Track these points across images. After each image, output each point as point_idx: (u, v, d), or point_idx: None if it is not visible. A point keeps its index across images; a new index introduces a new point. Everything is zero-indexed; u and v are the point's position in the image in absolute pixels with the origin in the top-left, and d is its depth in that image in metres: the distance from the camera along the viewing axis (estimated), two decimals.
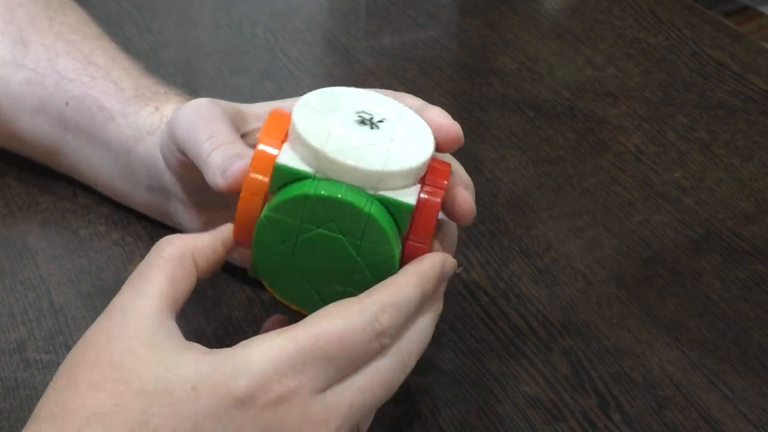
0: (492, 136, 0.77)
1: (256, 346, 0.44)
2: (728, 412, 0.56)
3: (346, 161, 0.47)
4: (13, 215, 0.67)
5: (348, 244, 0.48)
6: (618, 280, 0.64)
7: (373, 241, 0.48)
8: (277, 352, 0.44)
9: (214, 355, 0.44)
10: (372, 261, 0.48)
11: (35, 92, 0.66)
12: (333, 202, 0.47)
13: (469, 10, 0.94)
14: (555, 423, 0.55)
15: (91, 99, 0.64)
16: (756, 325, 0.61)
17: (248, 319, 0.61)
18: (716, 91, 0.82)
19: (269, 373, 0.44)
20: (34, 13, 0.68)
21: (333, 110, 0.50)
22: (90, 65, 0.66)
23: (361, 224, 0.47)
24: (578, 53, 0.87)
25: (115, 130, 0.64)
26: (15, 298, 0.62)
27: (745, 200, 0.71)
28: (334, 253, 0.48)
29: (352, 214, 0.47)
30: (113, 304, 0.46)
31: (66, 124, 0.65)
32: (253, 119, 0.57)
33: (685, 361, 0.59)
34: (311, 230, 0.48)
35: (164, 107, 0.63)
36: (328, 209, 0.47)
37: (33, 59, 0.66)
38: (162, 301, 0.46)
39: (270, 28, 0.89)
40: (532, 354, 0.59)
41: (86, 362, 0.44)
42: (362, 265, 0.48)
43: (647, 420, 0.55)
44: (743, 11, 1.88)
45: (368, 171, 0.47)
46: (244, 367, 0.44)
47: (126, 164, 0.64)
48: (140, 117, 0.63)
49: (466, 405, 0.56)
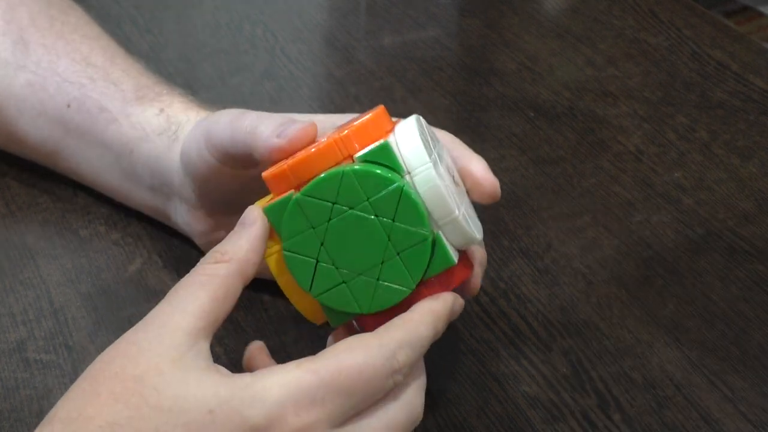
0: (492, 136, 0.77)
1: (276, 376, 0.44)
2: (728, 412, 0.56)
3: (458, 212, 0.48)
4: (13, 215, 0.67)
5: (380, 225, 0.47)
6: (618, 280, 0.64)
7: (407, 221, 0.47)
8: (297, 383, 0.44)
9: (235, 380, 0.44)
10: (403, 246, 0.47)
11: (36, 95, 0.66)
12: (370, 176, 0.47)
13: (469, 10, 0.94)
14: (555, 423, 0.55)
15: (92, 101, 0.64)
16: (756, 325, 0.61)
17: (248, 319, 0.61)
18: (716, 91, 0.82)
19: (287, 404, 0.43)
20: (35, 12, 0.68)
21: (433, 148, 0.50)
22: (89, 66, 0.66)
23: (395, 202, 0.47)
24: (578, 53, 0.87)
25: (117, 131, 0.63)
26: (15, 298, 0.62)
27: (745, 200, 0.71)
28: (365, 238, 0.47)
29: (387, 189, 0.47)
30: (151, 314, 0.46)
31: (67, 126, 0.65)
32: None
33: (685, 361, 0.59)
34: (344, 211, 0.47)
35: (169, 109, 0.63)
36: (364, 185, 0.47)
37: (34, 60, 0.66)
38: (200, 321, 0.45)
39: (270, 28, 0.89)
40: (532, 354, 0.59)
41: (111, 371, 0.44)
42: (393, 252, 0.48)
43: (647, 420, 0.55)
44: (743, 11, 1.88)
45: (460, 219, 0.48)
46: (263, 395, 0.43)
47: (128, 164, 0.64)
48: (144, 118, 0.63)
49: (466, 405, 0.56)
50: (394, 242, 0.47)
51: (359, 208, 0.47)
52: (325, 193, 0.47)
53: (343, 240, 0.47)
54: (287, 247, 0.48)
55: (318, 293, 0.48)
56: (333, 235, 0.47)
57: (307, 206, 0.47)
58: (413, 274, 0.48)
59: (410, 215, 0.47)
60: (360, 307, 0.48)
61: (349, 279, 0.48)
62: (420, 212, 0.47)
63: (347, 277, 0.48)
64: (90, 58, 0.66)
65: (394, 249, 0.48)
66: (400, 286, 0.48)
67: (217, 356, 0.47)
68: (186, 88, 0.66)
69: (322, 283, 0.48)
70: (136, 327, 0.46)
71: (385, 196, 0.47)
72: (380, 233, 0.47)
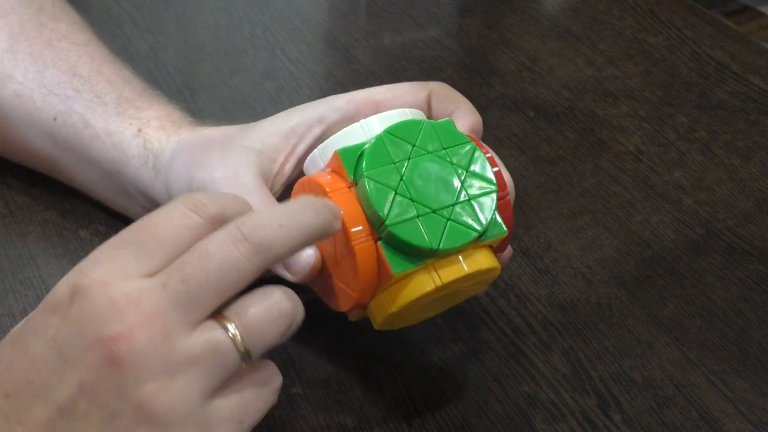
0: (492, 136, 0.77)
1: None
2: (728, 412, 0.56)
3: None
4: (13, 215, 0.67)
5: (456, 171, 0.51)
6: (618, 280, 0.64)
7: (478, 174, 0.51)
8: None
9: None
10: (475, 193, 0.51)
11: (24, 106, 0.65)
12: (447, 131, 0.52)
13: (469, 10, 0.94)
14: (555, 423, 0.55)
15: (77, 115, 0.64)
16: (756, 325, 0.61)
17: None
18: (716, 91, 0.82)
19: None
20: (26, 20, 0.67)
21: None
22: (75, 77, 0.65)
23: (469, 155, 0.52)
24: (578, 53, 0.87)
25: (101, 148, 0.63)
26: (15, 298, 0.62)
27: (745, 200, 0.71)
28: (441, 180, 0.51)
29: (461, 143, 0.52)
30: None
31: (55, 139, 0.65)
32: (275, 154, 0.56)
33: (685, 361, 0.59)
34: (423, 153, 0.51)
35: (146, 129, 0.62)
36: (442, 136, 0.52)
37: (21, 70, 0.65)
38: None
39: (270, 28, 0.89)
40: (532, 354, 0.59)
41: None
42: (466, 196, 0.51)
43: (647, 420, 0.55)
44: (743, 11, 1.88)
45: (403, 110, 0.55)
46: None
47: (118, 182, 0.63)
48: (124, 138, 0.62)
49: (466, 405, 0.56)
50: (466, 188, 0.51)
51: (437, 153, 0.51)
52: (407, 135, 0.51)
53: (421, 178, 0.50)
54: (369, 174, 0.50)
55: (393, 222, 0.49)
56: (412, 171, 0.50)
57: (390, 142, 0.51)
58: (482, 219, 0.50)
59: (480, 169, 0.52)
60: (430, 242, 0.49)
61: (422, 213, 0.49)
62: (488, 169, 0.52)
63: (421, 211, 0.49)
64: (77, 67, 0.65)
65: (467, 194, 0.50)
66: (470, 228, 0.50)
67: None
68: (186, 88, 0.66)
69: (398, 213, 0.49)
70: None
71: (460, 148, 0.52)
72: (455, 178, 0.51)
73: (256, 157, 0.55)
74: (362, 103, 0.57)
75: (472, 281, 0.51)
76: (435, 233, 0.49)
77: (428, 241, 0.49)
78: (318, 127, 0.56)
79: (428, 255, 0.49)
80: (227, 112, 0.78)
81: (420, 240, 0.49)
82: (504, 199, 0.53)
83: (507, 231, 0.52)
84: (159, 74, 0.82)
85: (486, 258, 0.51)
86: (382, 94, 0.57)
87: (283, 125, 0.57)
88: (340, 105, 0.57)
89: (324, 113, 0.56)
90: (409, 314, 0.52)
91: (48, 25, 0.67)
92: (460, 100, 0.57)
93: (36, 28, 0.67)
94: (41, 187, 0.69)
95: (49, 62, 0.65)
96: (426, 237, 0.49)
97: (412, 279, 0.50)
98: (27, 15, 0.67)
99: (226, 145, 0.57)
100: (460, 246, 0.50)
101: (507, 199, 0.53)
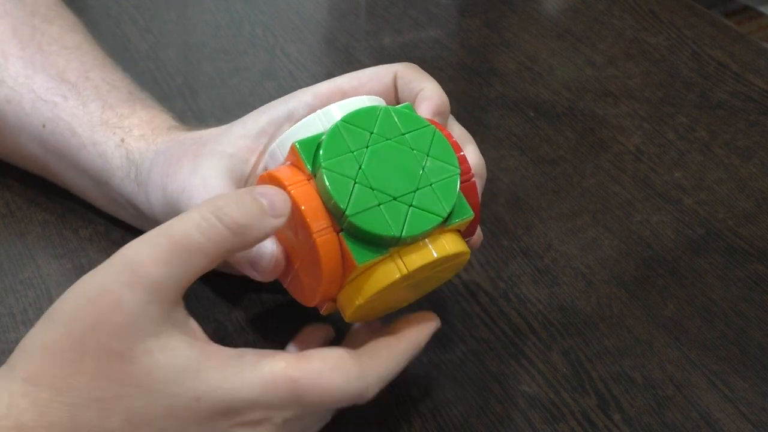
0: (492, 136, 0.77)
1: (260, 372, 0.46)
2: (728, 412, 0.56)
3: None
4: (13, 215, 0.67)
5: (415, 157, 0.50)
6: (618, 280, 0.64)
7: (439, 157, 0.50)
8: (275, 387, 0.46)
9: (220, 367, 0.46)
10: (436, 178, 0.50)
11: (15, 112, 0.65)
12: (406, 116, 0.51)
13: (469, 10, 0.94)
14: (555, 423, 0.55)
15: (64, 123, 0.63)
16: (756, 325, 0.61)
17: (248, 319, 0.61)
18: (716, 91, 0.82)
19: (260, 402, 0.46)
20: (18, 23, 0.67)
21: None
22: (63, 83, 0.65)
23: (429, 139, 0.51)
24: (578, 53, 0.87)
25: (88, 158, 0.63)
26: (15, 298, 0.62)
27: (745, 200, 0.71)
28: (401, 166, 0.50)
29: (422, 127, 0.51)
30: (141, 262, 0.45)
31: (45, 146, 0.65)
32: (247, 155, 0.56)
33: (685, 361, 0.59)
34: (381, 140, 0.50)
35: (128, 138, 0.61)
36: (400, 121, 0.51)
37: (12, 75, 0.65)
38: (186, 287, 0.47)
39: (270, 28, 0.89)
40: (532, 354, 0.59)
41: (98, 342, 0.44)
42: (427, 181, 0.50)
43: (647, 420, 0.55)
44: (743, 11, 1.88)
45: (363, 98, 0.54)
46: (243, 392, 0.46)
47: (108, 191, 0.63)
48: (108, 149, 0.62)
49: (466, 405, 0.56)
50: (428, 173, 0.50)
51: (396, 139, 0.50)
52: (364, 122, 0.50)
53: (380, 166, 0.49)
54: (327, 165, 0.49)
55: (354, 212, 0.48)
56: (371, 160, 0.49)
57: (347, 132, 0.50)
58: (445, 204, 0.50)
59: (442, 153, 0.51)
60: (393, 230, 0.48)
61: (384, 201, 0.49)
62: (450, 151, 0.51)
63: (382, 200, 0.49)
64: (65, 72, 0.65)
65: (428, 179, 0.50)
66: (433, 213, 0.49)
67: None
68: (186, 88, 0.66)
69: (359, 203, 0.48)
70: (119, 273, 0.45)
71: (420, 132, 0.51)
72: (415, 164, 0.50)
73: (228, 161, 0.55)
74: (328, 95, 0.56)
75: (440, 267, 0.51)
76: (397, 221, 0.48)
77: (391, 230, 0.48)
78: (287, 124, 0.56)
79: (392, 243, 0.49)
80: (227, 112, 0.78)
81: (382, 228, 0.48)
82: (468, 182, 0.52)
83: (473, 214, 0.51)
84: (159, 74, 0.82)
85: (453, 243, 0.50)
86: (348, 83, 0.56)
87: (252, 126, 0.56)
88: (307, 100, 0.56)
89: (292, 109, 0.56)
90: (380, 304, 0.51)
91: (40, 28, 0.67)
92: (424, 80, 0.56)
93: (28, 31, 0.67)
94: (41, 187, 0.69)
95: (39, 67, 0.65)
96: (388, 225, 0.48)
97: (378, 269, 0.49)
98: (20, 18, 0.67)
99: (199, 151, 0.56)
100: (424, 232, 0.49)
101: (472, 182, 0.52)
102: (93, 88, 0.64)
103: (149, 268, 0.45)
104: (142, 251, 0.46)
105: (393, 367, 0.49)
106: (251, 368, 0.45)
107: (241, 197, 0.47)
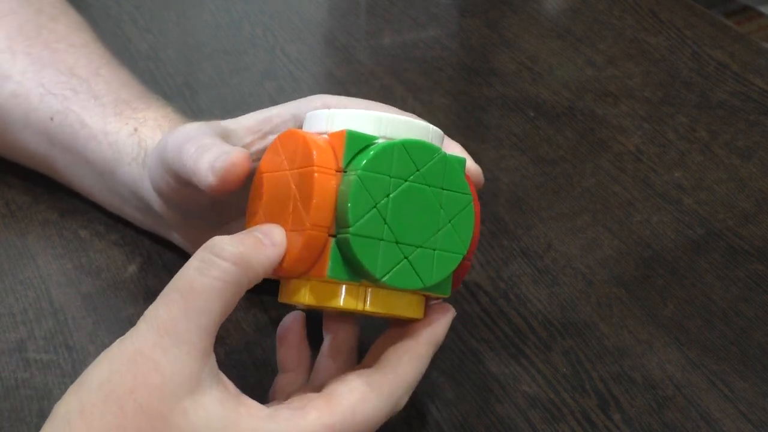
0: (492, 136, 0.77)
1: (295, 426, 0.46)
2: (728, 412, 0.56)
3: (406, 116, 0.50)
4: (13, 215, 0.67)
5: (433, 194, 0.48)
6: (618, 280, 0.64)
7: (453, 187, 0.49)
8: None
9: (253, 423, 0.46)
10: (453, 212, 0.49)
11: (21, 106, 0.65)
12: (419, 147, 0.48)
13: (469, 10, 0.94)
14: (555, 423, 0.55)
15: (74, 115, 0.63)
16: (756, 325, 0.61)
17: (248, 319, 0.61)
18: (716, 91, 0.82)
19: None
20: (24, 21, 0.67)
21: None
22: (73, 77, 0.65)
23: (441, 169, 0.48)
24: (578, 53, 0.87)
25: (97, 148, 0.63)
26: (15, 298, 0.62)
27: (745, 200, 0.71)
28: (421, 209, 0.48)
29: (434, 157, 0.48)
30: (167, 320, 0.46)
31: (52, 140, 0.65)
32: (244, 133, 0.55)
33: (685, 361, 0.59)
34: (400, 184, 0.48)
35: (142, 128, 0.61)
36: (415, 156, 0.48)
37: (19, 70, 0.65)
38: (212, 336, 0.46)
39: (270, 28, 0.89)
40: (532, 354, 0.59)
41: (136, 403, 0.44)
42: (446, 219, 0.48)
43: (647, 420, 0.55)
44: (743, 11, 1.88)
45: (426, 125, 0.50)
46: None
47: (112, 184, 0.63)
48: (120, 138, 0.62)
49: (466, 405, 0.56)
50: (446, 209, 0.49)
51: (412, 179, 0.48)
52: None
53: (403, 214, 0.48)
54: (355, 231, 0.47)
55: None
56: (393, 210, 0.48)
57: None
58: (463, 238, 0.49)
59: (454, 181, 0.49)
60: (423, 280, 0.48)
61: (409, 254, 0.48)
62: (461, 176, 0.49)
63: (408, 252, 0.48)
64: (75, 69, 0.65)
65: (447, 216, 0.49)
66: (454, 252, 0.49)
67: (218, 356, 0.47)
68: (186, 88, 0.67)
69: (386, 262, 0.47)
70: (148, 335, 0.45)
71: (432, 165, 0.48)
72: (434, 203, 0.48)
73: (222, 130, 0.55)
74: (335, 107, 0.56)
75: (391, 318, 0.51)
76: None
77: (421, 281, 0.48)
78: (292, 122, 0.56)
79: (367, 278, 0.48)
80: (227, 112, 0.77)
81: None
82: (466, 261, 0.51)
83: (449, 294, 0.50)
84: (159, 74, 0.82)
85: (414, 307, 0.50)
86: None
87: (260, 114, 0.56)
88: (317, 105, 0.56)
89: (301, 111, 0.56)
90: (324, 310, 0.51)
91: (46, 26, 0.67)
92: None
93: (35, 29, 0.67)
94: (41, 186, 0.69)
95: (48, 63, 0.65)
96: (418, 277, 0.48)
97: (340, 289, 0.48)
98: (26, 16, 0.67)
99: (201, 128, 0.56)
100: (399, 287, 0.48)
101: (467, 263, 0.51)
102: (105, 84, 0.65)
103: (172, 326, 0.45)
104: (159, 310, 0.46)
105: (418, 372, 0.49)
106: (286, 428, 0.45)
107: (234, 235, 0.48)
